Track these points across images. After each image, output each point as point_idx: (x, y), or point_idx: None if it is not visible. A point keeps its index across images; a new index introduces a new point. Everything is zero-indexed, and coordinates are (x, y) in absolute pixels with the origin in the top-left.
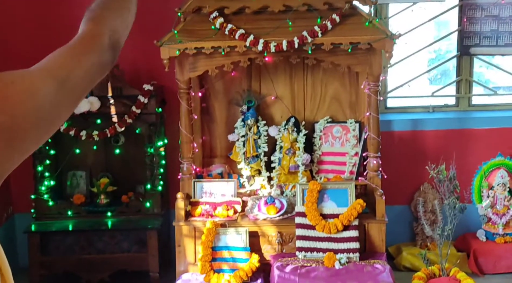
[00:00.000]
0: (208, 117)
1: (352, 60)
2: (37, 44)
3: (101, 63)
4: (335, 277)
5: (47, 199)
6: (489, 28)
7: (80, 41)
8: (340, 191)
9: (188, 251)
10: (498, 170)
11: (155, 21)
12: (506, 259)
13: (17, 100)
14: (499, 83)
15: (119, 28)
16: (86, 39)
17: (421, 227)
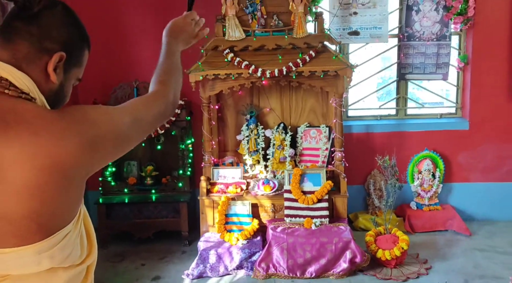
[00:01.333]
0: (222, 123)
1: (323, 83)
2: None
3: (164, 112)
4: (312, 235)
5: (110, 180)
6: (418, 61)
7: (153, 96)
8: (315, 175)
9: (209, 217)
10: (425, 160)
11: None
12: (430, 221)
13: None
14: (425, 100)
15: (177, 91)
16: (157, 95)
17: (372, 200)
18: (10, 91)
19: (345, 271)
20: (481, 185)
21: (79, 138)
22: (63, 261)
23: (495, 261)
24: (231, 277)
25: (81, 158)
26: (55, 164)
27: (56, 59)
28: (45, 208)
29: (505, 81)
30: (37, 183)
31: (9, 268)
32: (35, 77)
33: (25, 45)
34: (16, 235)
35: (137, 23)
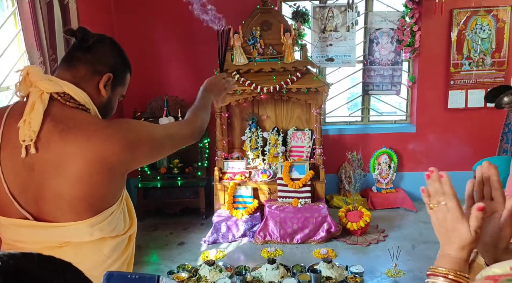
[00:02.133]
0: (231, 127)
1: (307, 97)
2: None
3: (192, 135)
4: (298, 211)
5: (146, 170)
6: (378, 81)
7: (186, 121)
8: (300, 166)
9: (220, 198)
10: (383, 155)
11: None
12: (386, 201)
13: (144, 131)
14: (383, 109)
15: (204, 124)
16: (189, 121)
17: (343, 185)
18: (70, 102)
19: (323, 238)
20: (424, 173)
21: (122, 141)
22: (110, 232)
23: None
24: (238, 243)
25: (122, 156)
26: (102, 159)
27: (105, 79)
28: (94, 192)
29: (441, 95)
30: (88, 173)
31: (69, 237)
32: (90, 92)
33: (82, 68)
34: (73, 212)
35: (167, 50)
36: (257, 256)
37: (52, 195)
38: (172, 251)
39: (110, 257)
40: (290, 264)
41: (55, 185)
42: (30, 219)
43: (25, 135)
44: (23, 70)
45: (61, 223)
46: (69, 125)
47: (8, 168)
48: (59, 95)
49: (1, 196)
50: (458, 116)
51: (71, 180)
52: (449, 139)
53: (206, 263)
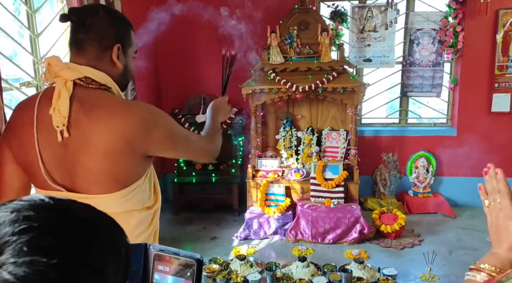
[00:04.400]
0: (265, 126)
1: (343, 97)
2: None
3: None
4: (330, 211)
5: (182, 166)
6: (418, 82)
7: (205, 137)
8: (334, 166)
9: (253, 195)
10: (421, 158)
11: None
12: (423, 205)
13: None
14: (422, 112)
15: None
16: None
17: (378, 188)
18: (92, 85)
19: (355, 240)
20: (464, 179)
21: (142, 120)
22: (137, 204)
23: (474, 237)
24: (269, 240)
25: (141, 136)
26: (124, 137)
27: (116, 50)
28: (118, 168)
29: (485, 98)
30: (112, 149)
31: (99, 208)
32: (107, 69)
33: (92, 49)
34: (100, 186)
35: (204, 50)
36: (288, 254)
37: (83, 170)
38: (204, 245)
39: (136, 229)
40: (321, 263)
41: (85, 161)
42: (64, 191)
43: (57, 122)
44: (45, 61)
45: (90, 195)
46: (94, 105)
47: (46, 148)
48: (81, 80)
49: (38, 171)
50: (502, 120)
51: (97, 155)
52: (492, 144)
53: (237, 258)
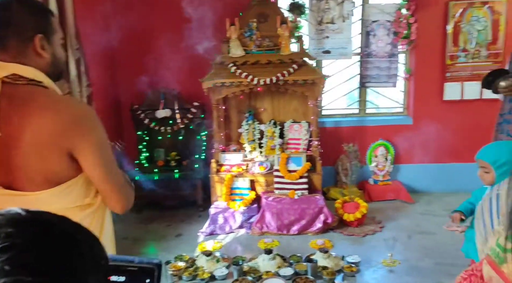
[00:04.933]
0: (228, 120)
1: (304, 89)
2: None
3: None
4: (295, 202)
5: (144, 163)
6: (375, 73)
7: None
8: (297, 158)
9: (218, 190)
10: (380, 147)
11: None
12: (383, 193)
13: (91, 122)
14: (380, 103)
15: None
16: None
17: (340, 177)
18: (20, 81)
19: (319, 230)
20: (421, 165)
21: (72, 117)
22: (72, 202)
23: (431, 221)
24: (235, 234)
25: (67, 130)
26: (50, 130)
27: (38, 42)
28: (44, 164)
29: (438, 87)
30: (37, 141)
31: (34, 206)
32: (33, 63)
33: (13, 45)
34: (33, 183)
35: (163, 43)
36: (254, 247)
37: (15, 167)
38: (169, 243)
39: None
40: (287, 254)
41: (16, 157)
42: (1, 188)
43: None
44: None
45: (26, 192)
46: (24, 100)
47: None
48: (8, 77)
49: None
50: (454, 108)
51: (25, 150)
52: (445, 131)
53: (203, 254)
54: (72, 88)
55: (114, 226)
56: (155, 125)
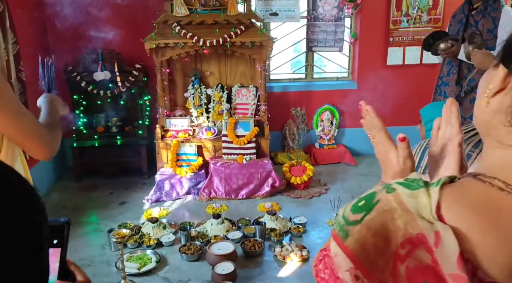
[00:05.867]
0: (173, 84)
1: (251, 52)
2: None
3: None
4: (243, 167)
5: (82, 129)
6: (322, 37)
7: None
8: (245, 123)
9: (163, 156)
10: (326, 112)
11: (141, 28)
12: (328, 156)
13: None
14: (327, 67)
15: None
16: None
17: (287, 142)
18: None
19: (267, 193)
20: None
21: None
22: None
23: (373, 182)
24: (182, 200)
25: None
26: None
27: None
28: None
29: (381, 52)
30: None
31: None
32: None
33: None
34: None
35: (102, 2)
36: (202, 213)
37: None
38: (113, 211)
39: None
40: (235, 218)
41: None
42: None
43: None
44: None
45: None
46: None
47: None
48: None
49: None
50: (396, 72)
51: None
52: (388, 95)
53: (149, 221)
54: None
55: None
56: (93, 89)
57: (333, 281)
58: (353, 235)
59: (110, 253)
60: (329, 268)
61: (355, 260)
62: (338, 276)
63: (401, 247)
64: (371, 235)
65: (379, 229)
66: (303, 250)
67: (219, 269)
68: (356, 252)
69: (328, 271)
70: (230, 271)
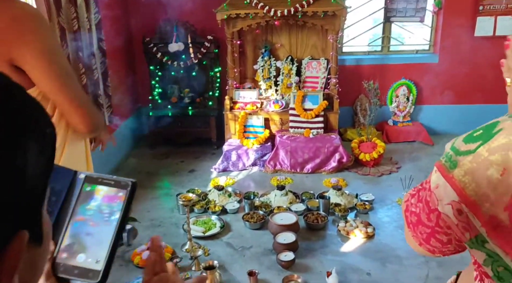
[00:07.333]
0: (243, 56)
1: (323, 22)
2: None
3: (87, 110)
4: (309, 141)
5: (157, 99)
6: (401, 6)
7: (89, 99)
8: (314, 96)
9: (231, 127)
10: (402, 87)
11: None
12: (402, 134)
13: (56, 50)
14: (405, 38)
15: (99, 119)
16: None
17: (358, 118)
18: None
19: (334, 169)
20: (443, 106)
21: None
22: None
23: None
24: (247, 171)
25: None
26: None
27: None
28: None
29: (470, 22)
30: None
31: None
32: None
33: None
34: None
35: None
36: (267, 184)
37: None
38: (183, 178)
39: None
40: (299, 191)
41: None
42: None
43: None
44: None
45: None
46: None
47: None
48: None
49: None
50: (485, 44)
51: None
52: (474, 70)
53: (216, 188)
54: (79, 13)
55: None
56: (168, 60)
57: (425, 214)
58: (462, 165)
59: (178, 216)
60: (423, 201)
61: (460, 192)
62: (434, 209)
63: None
64: (485, 166)
65: (496, 160)
66: (369, 227)
67: (280, 239)
68: (464, 184)
69: (421, 205)
70: (292, 241)
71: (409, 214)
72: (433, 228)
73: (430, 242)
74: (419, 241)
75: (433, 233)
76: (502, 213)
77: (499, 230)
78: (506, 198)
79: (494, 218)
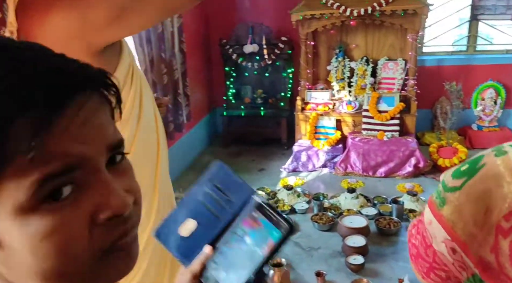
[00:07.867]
0: (317, 57)
1: (403, 21)
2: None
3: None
4: (383, 144)
5: (231, 99)
6: (491, 4)
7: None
8: (390, 98)
9: (302, 128)
10: (489, 89)
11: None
12: (488, 139)
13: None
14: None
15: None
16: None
17: (438, 122)
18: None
19: (409, 174)
20: None
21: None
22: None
23: None
24: (317, 172)
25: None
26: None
27: None
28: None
29: None
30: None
31: None
32: None
33: None
34: None
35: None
36: (337, 186)
37: None
38: (253, 176)
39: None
40: (371, 195)
41: None
42: None
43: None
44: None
45: None
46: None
47: None
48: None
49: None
50: None
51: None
52: None
53: (285, 188)
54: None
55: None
56: (242, 61)
57: (423, 248)
58: (450, 203)
59: None
60: (421, 234)
61: (450, 231)
62: (429, 245)
63: (505, 220)
64: (470, 204)
65: (479, 197)
66: None
67: (350, 242)
68: (453, 222)
69: (420, 238)
70: (362, 245)
71: (411, 245)
72: (431, 264)
73: (430, 276)
74: (421, 274)
75: (431, 269)
76: (489, 255)
77: (490, 272)
78: (491, 238)
79: (482, 260)
